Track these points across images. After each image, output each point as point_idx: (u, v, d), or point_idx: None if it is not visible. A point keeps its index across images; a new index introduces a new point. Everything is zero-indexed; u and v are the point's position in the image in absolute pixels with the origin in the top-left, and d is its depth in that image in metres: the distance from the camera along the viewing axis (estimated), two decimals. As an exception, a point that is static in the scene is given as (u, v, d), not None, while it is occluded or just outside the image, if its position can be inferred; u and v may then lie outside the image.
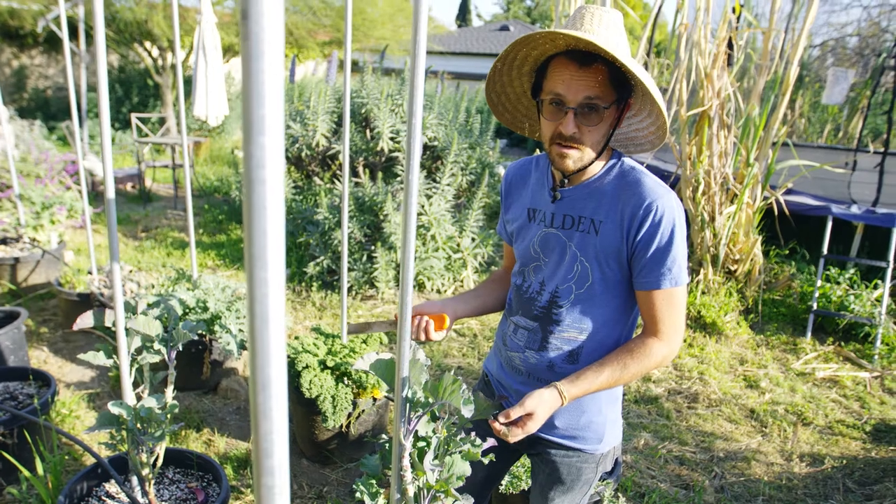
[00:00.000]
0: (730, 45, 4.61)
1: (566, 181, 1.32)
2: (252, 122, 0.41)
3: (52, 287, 3.96)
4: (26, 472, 2.03)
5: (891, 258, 4.33)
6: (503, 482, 2.05)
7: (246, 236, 0.44)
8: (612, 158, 1.32)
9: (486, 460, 1.25)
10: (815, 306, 4.42)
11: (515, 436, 1.21)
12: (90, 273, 3.84)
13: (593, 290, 1.31)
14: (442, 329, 1.38)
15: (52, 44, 12.77)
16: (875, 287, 4.51)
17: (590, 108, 1.20)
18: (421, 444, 1.19)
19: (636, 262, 1.26)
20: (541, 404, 1.21)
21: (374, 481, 1.32)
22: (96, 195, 7.06)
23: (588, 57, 1.18)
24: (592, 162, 1.28)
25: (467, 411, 1.06)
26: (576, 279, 1.32)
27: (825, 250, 4.56)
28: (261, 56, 0.40)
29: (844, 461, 2.95)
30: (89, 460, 2.53)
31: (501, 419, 1.21)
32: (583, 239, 1.30)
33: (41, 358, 3.45)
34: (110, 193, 1.58)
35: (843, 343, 4.30)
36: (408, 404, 1.11)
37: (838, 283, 4.62)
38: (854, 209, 4.82)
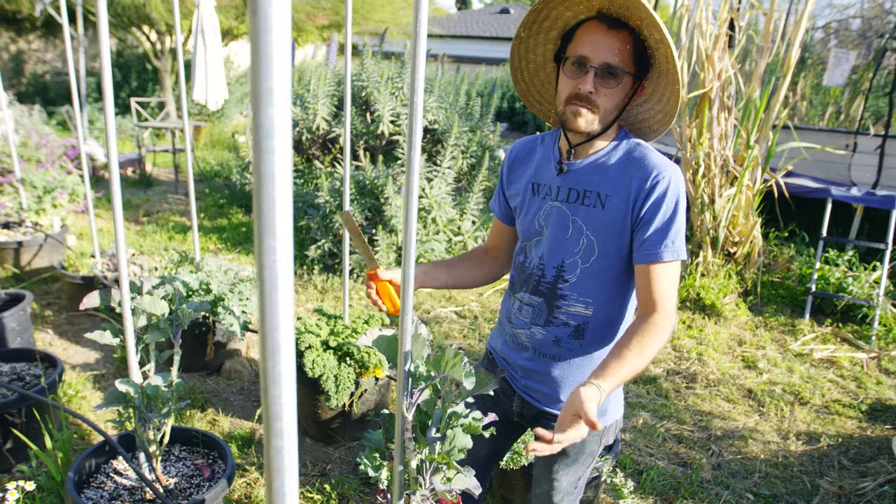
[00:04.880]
0: (731, 27, 4.59)
1: (572, 153, 1.34)
2: (260, 94, 0.43)
3: (56, 270, 3.99)
4: (36, 450, 2.07)
5: (890, 240, 4.35)
6: (504, 458, 2.08)
7: (255, 205, 0.46)
8: (618, 136, 1.35)
9: (487, 434, 1.28)
10: (813, 288, 4.44)
11: (572, 438, 1.10)
12: (93, 256, 3.87)
13: (598, 265, 1.32)
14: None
15: (49, 28, 12.68)
16: (873, 269, 4.53)
17: (610, 72, 1.23)
18: (423, 417, 1.22)
19: (639, 235, 1.27)
20: (587, 399, 1.10)
21: (377, 454, 1.35)
22: (97, 179, 7.07)
23: (618, 23, 1.23)
24: (601, 133, 1.31)
25: (469, 384, 1.09)
26: (582, 253, 1.33)
27: (824, 232, 4.58)
28: (269, 30, 0.42)
29: (840, 439, 3.00)
30: (96, 439, 2.57)
31: (551, 435, 1.09)
32: (588, 213, 1.32)
33: (46, 340, 3.49)
34: (115, 175, 1.59)
35: (840, 324, 4.33)
36: (410, 378, 1.14)
37: (837, 265, 4.65)
38: (854, 191, 4.83)
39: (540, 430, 1.10)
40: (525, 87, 1.47)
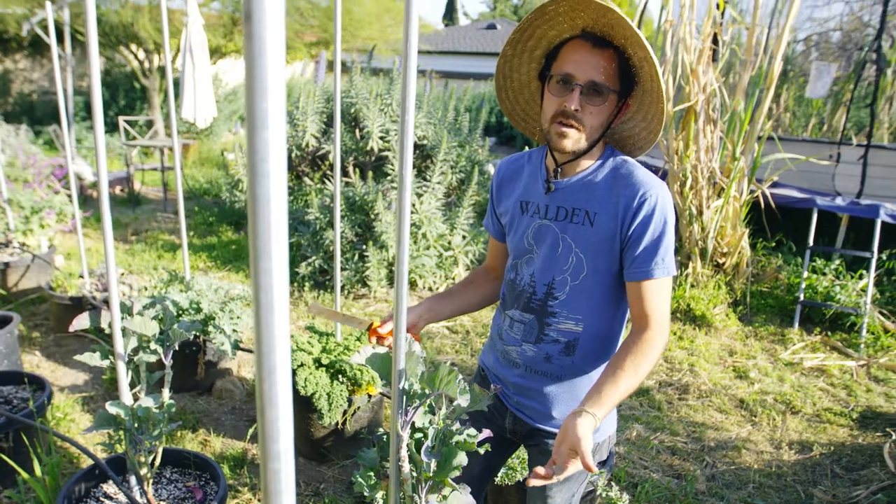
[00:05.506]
0: (715, 41, 4.66)
1: (559, 171, 1.35)
2: (255, 118, 0.43)
3: (44, 291, 3.95)
4: (24, 475, 2.03)
5: (875, 248, 4.40)
6: (499, 474, 2.07)
7: (250, 228, 0.46)
8: (604, 154, 1.36)
9: (481, 450, 1.27)
10: (801, 297, 4.48)
11: (570, 472, 1.12)
12: (81, 276, 3.83)
13: (588, 282, 1.33)
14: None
15: (36, 48, 12.66)
16: (860, 277, 4.58)
17: (595, 89, 1.24)
18: (418, 435, 1.22)
19: (629, 253, 1.28)
20: (584, 435, 1.11)
21: (371, 473, 1.34)
22: (85, 199, 7.02)
23: (603, 41, 1.25)
24: (587, 150, 1.31)
25: (463, 401, 1.09)
26: (571, 271, 1.34)
27: (811, 242, 4.63)
28: (263, 55, 0.42)
29: (832, 448, 3.01)
30: (85, 462, 2.53)
31: (549, 473, 1.11)
32: (577, 231, 1.32)
33: (34, 362, 3.44)
34: (104, 195, 1.59)
35: (829, 333, 4.36)
36: (404, 396, 1.14)
37: (824, 274, 4.69)
38: (839, 201, 4.89)
39: (539, 470, 1.11)
40: (510, 105, 1.48)
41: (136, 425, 1.71)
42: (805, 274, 4.57)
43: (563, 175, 1.36)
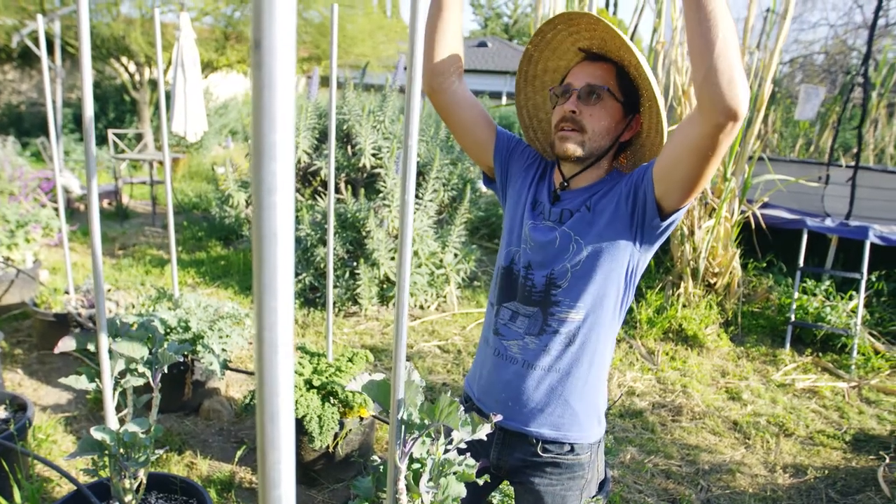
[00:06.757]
0: (705, 63, 4.71)
1: (566, 185, 1.36)
2: (263, 149, 0.41)
3: (28, 307, 3.86)
4: (3, 501, 1.96)
5: (864, 270, 4.43)
6: (495, 501, 2.03)
7: (255, 264, 0.44)
8: (611, 173, 1.37)
9: (480, 481, 1.24)
10: (792, 318, 4.49)
11: None
12: (67, 293, 3.76)
13: (585, 267, 1.31)
14: None
15: (25, 59, 12.59)
16: (850, 298, 4.60)
17: (592, 91, 1.28)
18: (416, 465, 1.18)
19: (649, 175, 1.25)
20: None
21: (366, 504, 1.30)
22: (72, 212, 6.94)
23: (601, 57, 1.32)
24: (594, 160, 1.32)
25: (465, 433, 1.06)
26: (570, 258, 1.32)
27: (801, 263, 4.65)
28: (273, 85, 0.40)
29: (826, 471, 2.99)
30: (68, 488, 2.46)
31: None
32: (576, 220, 1.32)
33: (16, 381, 3.36)
34: (94, 209, 1.55)
35: (820, 354, 4.37)
36: (403, 426, 1.10)
37: (815, 295, 4.71)
38: (828, 222, 4.93)
39: None
40: (541, 146, 1.53)
41: (121, 451, 1.66)
42: (796, 294, 4.58)
43: (570, 186, 1.38)
